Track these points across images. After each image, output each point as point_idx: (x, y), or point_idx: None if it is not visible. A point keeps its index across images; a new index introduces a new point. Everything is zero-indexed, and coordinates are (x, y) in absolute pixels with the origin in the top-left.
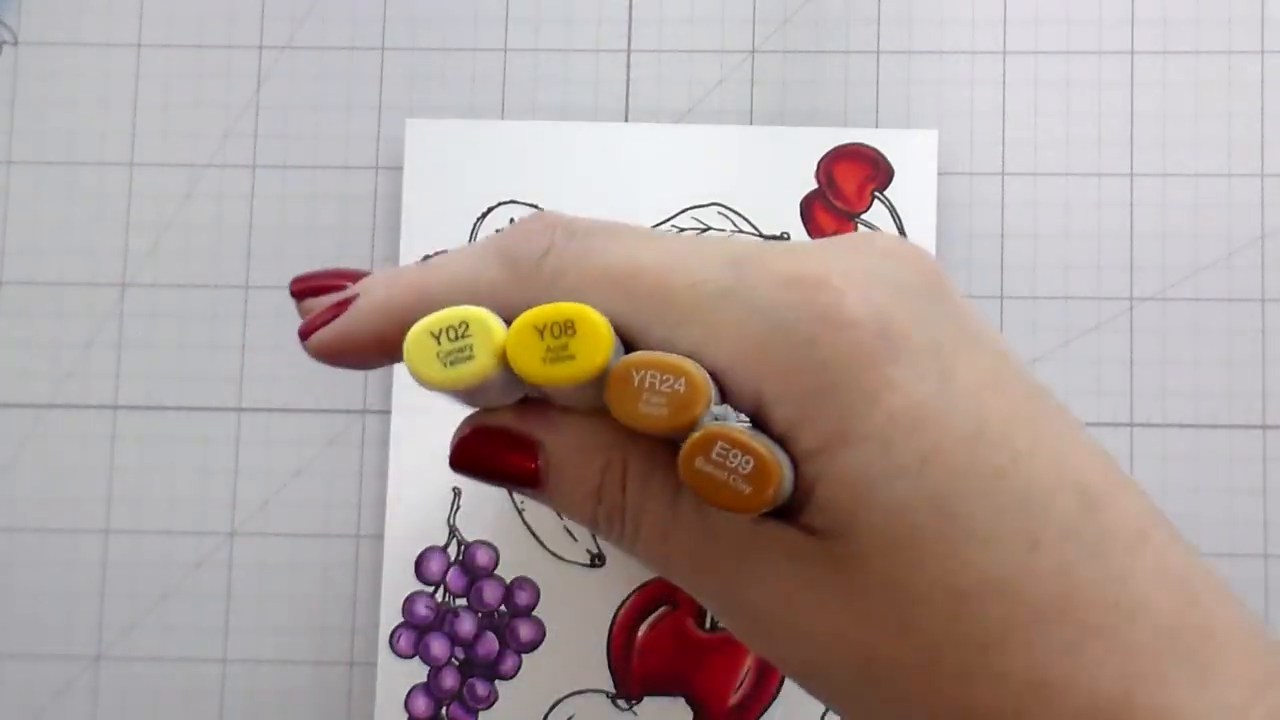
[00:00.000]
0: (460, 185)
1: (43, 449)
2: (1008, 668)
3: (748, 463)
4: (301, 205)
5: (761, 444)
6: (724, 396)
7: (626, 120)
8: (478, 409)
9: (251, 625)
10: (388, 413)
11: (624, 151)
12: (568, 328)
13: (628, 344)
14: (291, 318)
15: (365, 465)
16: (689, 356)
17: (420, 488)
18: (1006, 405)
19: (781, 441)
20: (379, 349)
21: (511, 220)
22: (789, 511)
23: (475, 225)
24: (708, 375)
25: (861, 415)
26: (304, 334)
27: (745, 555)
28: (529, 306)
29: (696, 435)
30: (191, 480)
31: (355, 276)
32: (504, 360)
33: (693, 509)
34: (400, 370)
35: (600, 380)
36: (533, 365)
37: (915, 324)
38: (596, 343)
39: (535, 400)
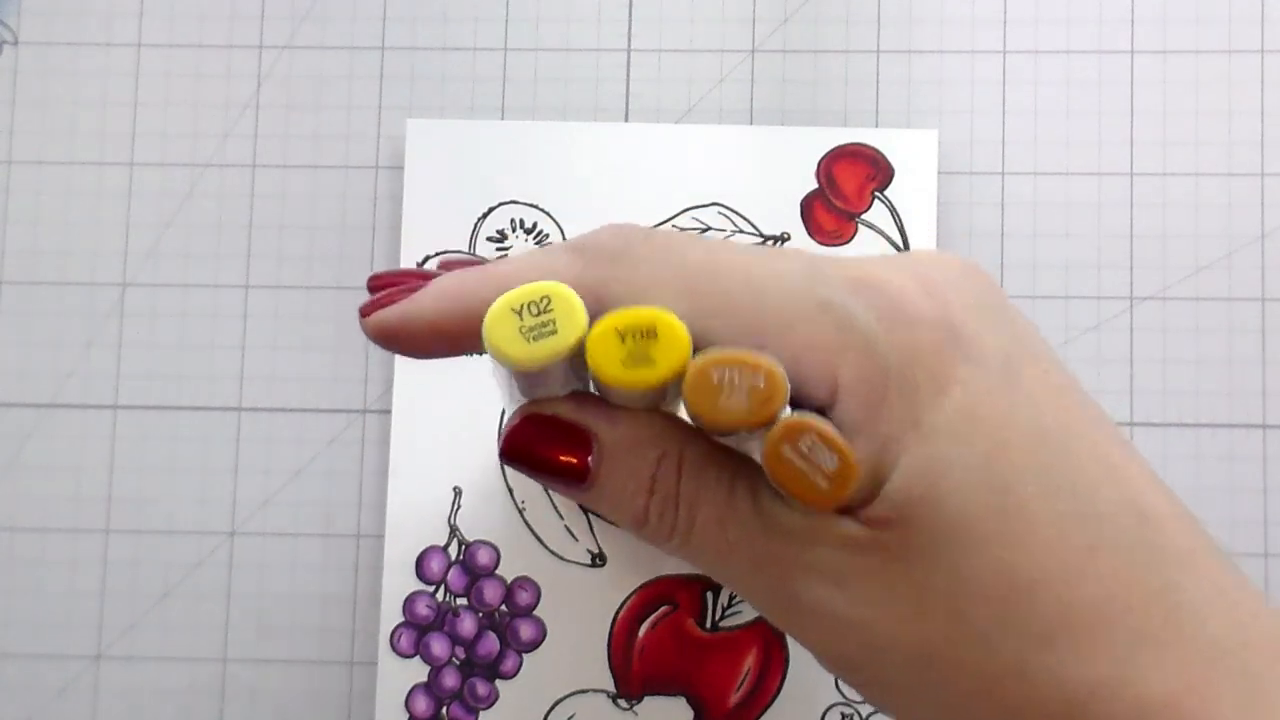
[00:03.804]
0: (461, 185)
1: (43, 449)
2: (1064, 665)
3: (833, 459)
4: (301, 205)
5: (848, 444)
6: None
7: (626, 120)
8: (528, 400)
9: (251, 625)
10: (388, 413)
11: (624, 151)
12: (650, 333)
13: (695, 344)
14: (292, 318)
15: (365, 465)
16: (762, 350)
17: (420, 487)
18: (1066, 416)
19: (852, 435)
20: (438, 334)
21: (512, 220)
22: (846, 507)
23: (475, 225)
24: (784, 370)
25: (932, 406)
26: (365, 313)
27: (803, 548)
28: (601, 293)
29: (790, 420)
30: (191, 480)
31: (431, 278)
32: (584, 337)
33: (749, 501)
34: (401, 370)
35: (669, 384)
36: (612, 368)
37: (982, 331)
38: (676, 349)
39: (588, 393)
